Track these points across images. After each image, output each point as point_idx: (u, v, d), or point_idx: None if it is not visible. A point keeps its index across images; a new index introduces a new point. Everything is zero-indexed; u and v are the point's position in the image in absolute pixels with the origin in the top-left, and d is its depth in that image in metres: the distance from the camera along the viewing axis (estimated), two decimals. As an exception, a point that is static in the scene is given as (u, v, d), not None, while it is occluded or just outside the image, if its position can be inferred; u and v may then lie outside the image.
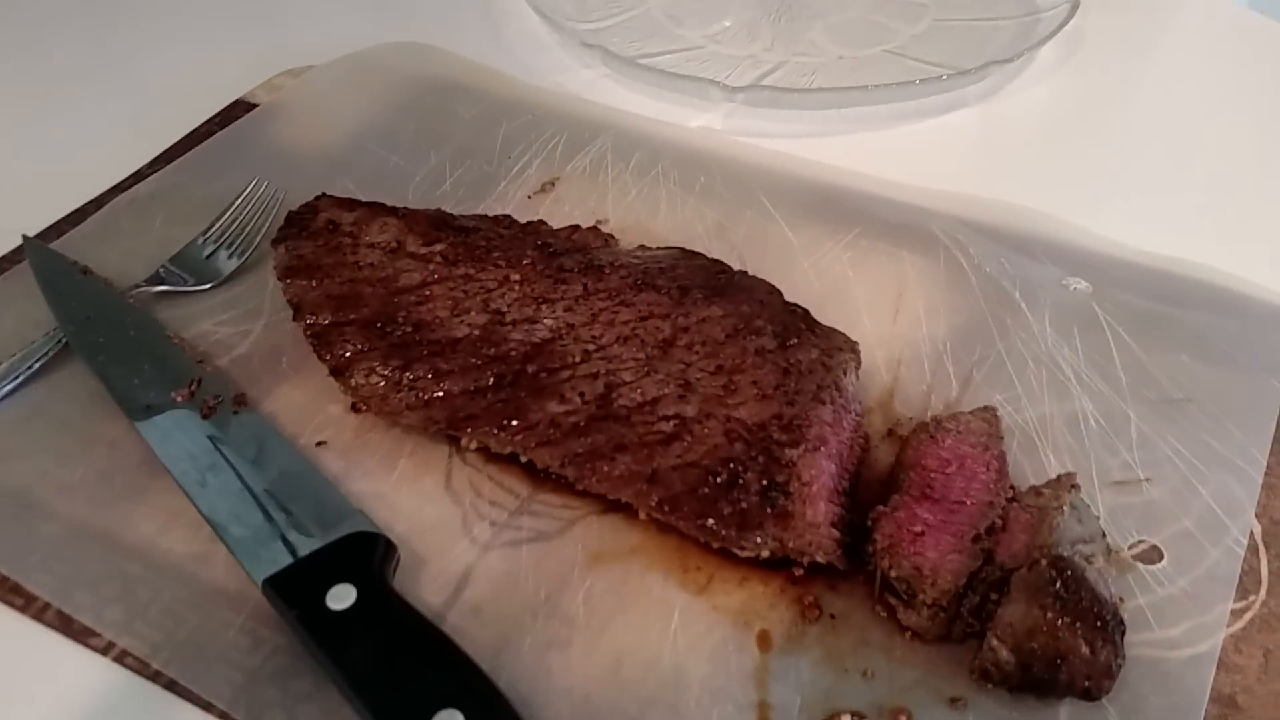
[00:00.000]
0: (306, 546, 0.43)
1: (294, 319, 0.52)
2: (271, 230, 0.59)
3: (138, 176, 0.67)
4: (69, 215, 0.64)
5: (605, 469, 0.45)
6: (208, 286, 0.58)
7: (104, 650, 0.43)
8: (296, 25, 0.87)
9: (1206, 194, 0.68)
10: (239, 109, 0.73)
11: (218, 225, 0.61)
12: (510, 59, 0.80)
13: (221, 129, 0.71)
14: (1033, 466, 0.48)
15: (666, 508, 0.44)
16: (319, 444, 0.50)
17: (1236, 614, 0.43)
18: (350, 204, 0.58)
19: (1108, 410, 0.51)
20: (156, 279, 0.58)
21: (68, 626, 0.43)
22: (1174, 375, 0.53)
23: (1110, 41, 0.84)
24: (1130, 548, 0.45)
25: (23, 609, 0.44)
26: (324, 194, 0.59)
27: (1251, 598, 0.44)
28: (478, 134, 0.70)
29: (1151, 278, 0.59)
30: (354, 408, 0.51)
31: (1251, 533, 0.46)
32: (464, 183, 0.66)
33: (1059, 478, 0.45)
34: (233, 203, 0.62)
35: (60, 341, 0.54)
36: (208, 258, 0.59)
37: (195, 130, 0.71)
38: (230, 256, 0.59)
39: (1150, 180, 0.70)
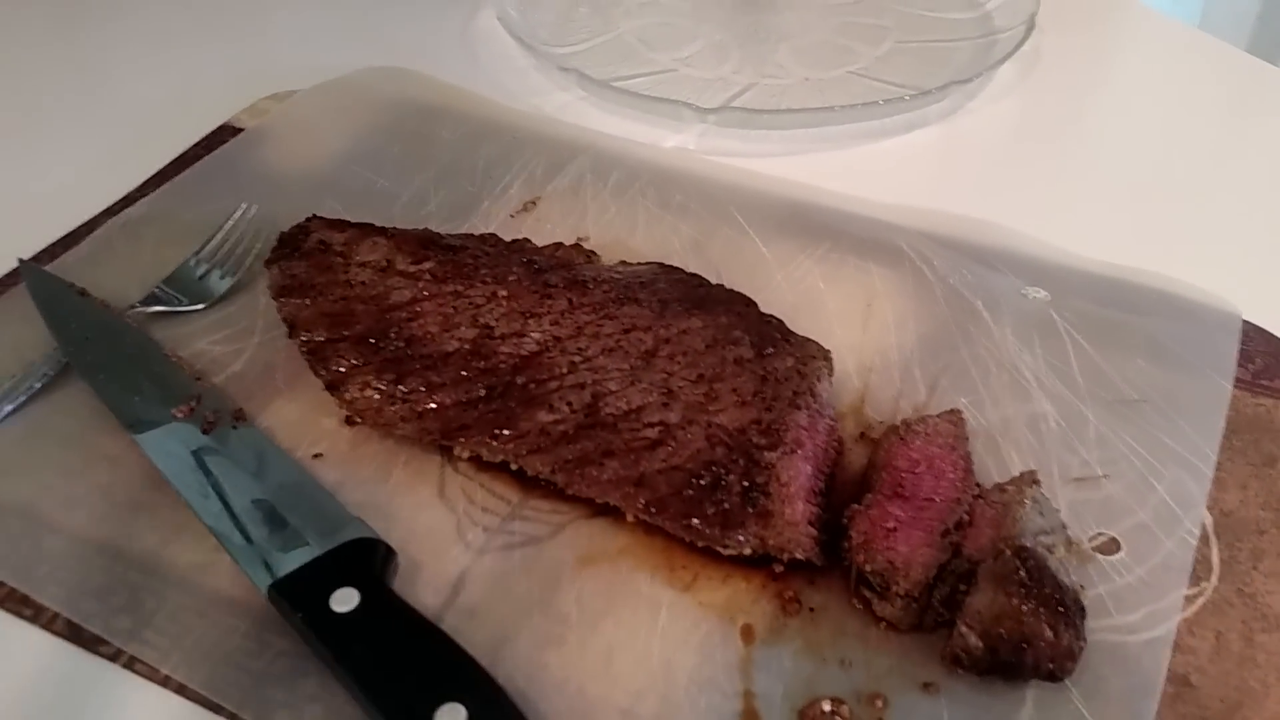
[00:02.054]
0: (309, 553, 0.45)
1: (289, 336, 0.53)
2: (262, 251, 0.61)
3: (127, 201, 0.68)
4: (61, 239, 0.65)
5: (594, 474, 0.47)
6: (201, 306, 0.59)
7: (113, 657, 0.44)
8: (278, 51, 0.88)
9: (1156, 206, 0.71)
10: (225, 133, 0.75)
11: (209, 246, 0.63)
12: (488, 82, 0.82)
13: (208, 153, 0.73)
14: (996, 465, 0.51)
15: (653, 510, 0.46)
16: (315, 456, 0.52)
17: (1190, 600, 0.46)
18: (340, 224, 0.60)
19: (1067, 411, 0.54)
20: (152, 299, 0.59)
21: (77, 635, 0.45)
22: (1129, 378, 0.55)
23: (1065, 61, 0.87)
24: (1090, 540, 0.48)
25: (32, 619, 0.45)
26: (315, 215, 0.61)
27: (1204, 584, 0.47)
28: (459, 156, 0.72)
29: (1106, 286, 0.61)
30: (349, 421, 0.53)
31: (1203, 524, 0.49)
32: (448, 203, 0.68)
33: (1021, 475, 0.48)
34: (223, 224, 0.64)
35: (60, 362, 0.55)
36: (200, 278, 0.61)
37: (182, 155, 0.73)
38: (222, 277, 0.61)
39: (1104, 193, 0.73)
